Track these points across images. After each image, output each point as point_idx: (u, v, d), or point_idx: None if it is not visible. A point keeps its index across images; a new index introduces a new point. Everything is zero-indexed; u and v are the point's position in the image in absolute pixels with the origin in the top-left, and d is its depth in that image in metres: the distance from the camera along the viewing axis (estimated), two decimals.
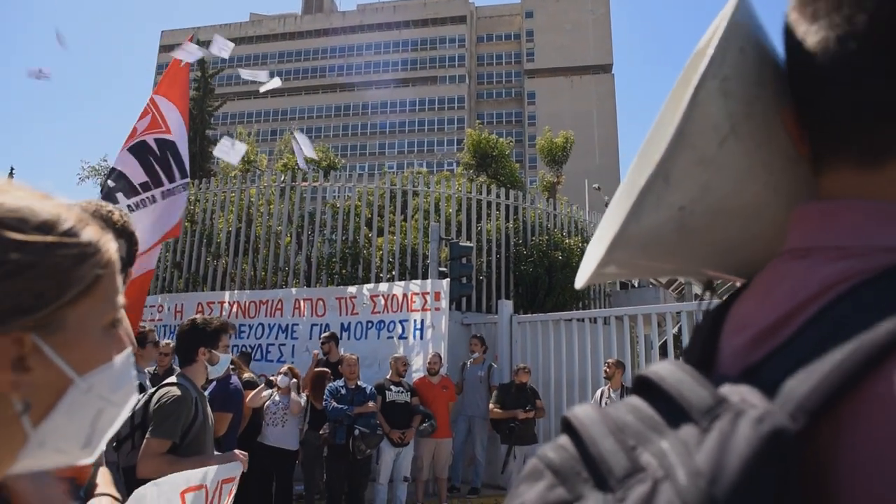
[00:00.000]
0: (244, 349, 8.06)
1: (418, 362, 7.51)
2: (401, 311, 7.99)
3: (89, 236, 0.55)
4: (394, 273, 10.02)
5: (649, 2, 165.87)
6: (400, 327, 7.90)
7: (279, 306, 8.61)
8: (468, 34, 68.57)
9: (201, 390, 2.87)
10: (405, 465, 6.58)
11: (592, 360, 7.45)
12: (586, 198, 24.73)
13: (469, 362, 7.97)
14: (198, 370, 2.86)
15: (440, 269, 8.77)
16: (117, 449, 2.98)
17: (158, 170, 4.35)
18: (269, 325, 8.55)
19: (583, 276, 0.55)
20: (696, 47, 0.53)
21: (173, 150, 4.45)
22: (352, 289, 8.51)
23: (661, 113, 0.57)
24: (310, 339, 8.15)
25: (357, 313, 8.21)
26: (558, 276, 10.73)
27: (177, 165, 4.43)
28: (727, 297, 0.50)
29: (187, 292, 10.02)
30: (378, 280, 9.46)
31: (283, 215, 10.53)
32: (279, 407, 6.13)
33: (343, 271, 10.17)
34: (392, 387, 6.68)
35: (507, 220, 10.88)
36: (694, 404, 0.36)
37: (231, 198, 11.06)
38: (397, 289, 8.18)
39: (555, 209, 11.86)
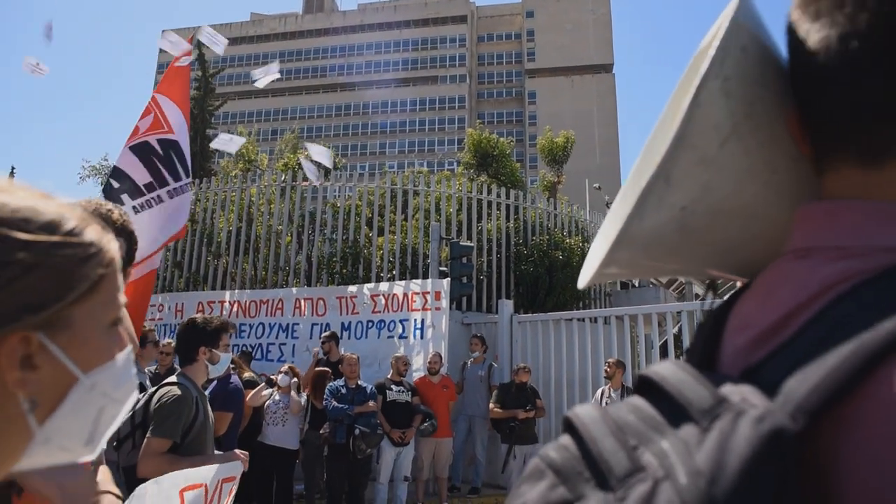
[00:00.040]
0: (245, 349, 8.06)
1: (419, 362, 7.51)
2: (401, 310, 7.99)
3: (92, 236, 0.56)
4: (394, 272, 10.02)
5: (650, 1, 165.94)
6: (400, 327, 7.90)
7: (280, 306, 8.61)
8: (469, 34, 68.53)
9: (202, 389, 2.87)
10: (406, 464, 6.58)
11: (593, 360, 7.45)
12: (587, 197, 24.71)
13: (469, 362, 7.97)
14: (198, 369, 2.86)
15: (440, 268, 8.77)
16: (118, 448, 2.98)
17: (162, 169, 4.33)
18: (270, 324, 8.56)
19: (585, 277, 0.55)
20: (699, 47, 0.53)
21: (176, 149, 4.42)
22: (352, 288, 8.52)
23: (664, 113, 0.57)
24: (310, 338, 8.16)
25: (357, 313, 8.21)
26: (559, 276, 10.73)
27: (181, 164, 4.41)
28: (730, 296, 0.50)
29: (188, 291, 10.04)
30: (378, 279, 9.45)
31: (283, 215, 10.53)
32: (279, 406, 6.14)
33: (343, 271, 10.17)
34: (393, 386, 6.68)
35: (508, 219, 10.87)
36: (694, 404, 0.37)
37: (232, 197, 11.06)
38: (398, 288, 8.18)
39: (555, 209, 11.85)
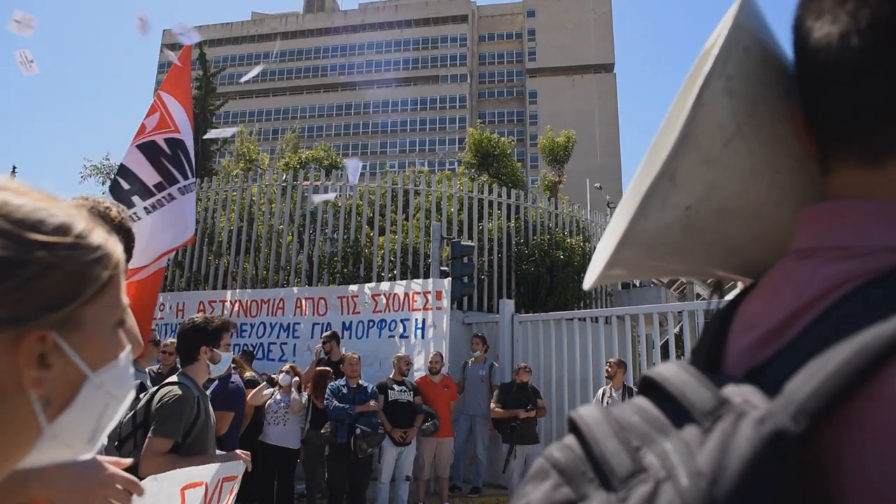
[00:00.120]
0: (246, 348, 8.06)
1: (419, 361, 7.51)
2: (402, 310, 7.99)
3: (100, 237, 0.57)
4: (395, 272, 10.03)
5: (651, 1, 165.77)
6: (401, 326, 7.90)
7: (281, 305, 8.62)
8: (470, 33, 68.53)
9: (203, 389, 2.87)
10: (407, 464, 6.59)
11: (594, 360, 7.44)
12: (588, 197, 24.74)
13: (470, 361, 7.97)
14: (199, 369, 2.85)
15: (441, 268, 8.77)
16: (119, 448, 2.98)
17: (171, 167, 4.35)
18: (271, 323, 8.56)
19: (591, 278, 0.55)
20: (704, 48, 0.53)
21: (183, 148, 4.45)
22: (353, 288, 8.52)
23: (669, 114, 0.57)
24: (311, 338, 8.16)
25: (358, 312, 8.22)
26: (560, 276, 10.73)
27: (187, 163, 4.43)
28: (735, 297, 0.50)
29: (189, 291, 10.04)
30: (379, 279, 9.45)
31: (284, 214, 10.53)
32: (281, 406, 6.15)
33: (344, 270, 10.17)
34: (395, 386, 6.68)
35: (509, 219, 10.87)
36: (696, 405, 0.37)
37: (233, 197, 11.07)
38: (399, 288, 8.18)
39: (556, 208, 11.84)
